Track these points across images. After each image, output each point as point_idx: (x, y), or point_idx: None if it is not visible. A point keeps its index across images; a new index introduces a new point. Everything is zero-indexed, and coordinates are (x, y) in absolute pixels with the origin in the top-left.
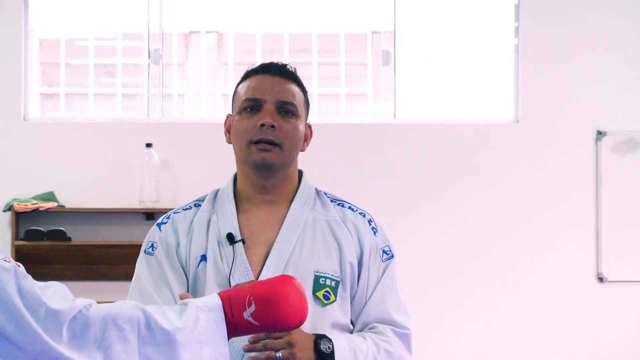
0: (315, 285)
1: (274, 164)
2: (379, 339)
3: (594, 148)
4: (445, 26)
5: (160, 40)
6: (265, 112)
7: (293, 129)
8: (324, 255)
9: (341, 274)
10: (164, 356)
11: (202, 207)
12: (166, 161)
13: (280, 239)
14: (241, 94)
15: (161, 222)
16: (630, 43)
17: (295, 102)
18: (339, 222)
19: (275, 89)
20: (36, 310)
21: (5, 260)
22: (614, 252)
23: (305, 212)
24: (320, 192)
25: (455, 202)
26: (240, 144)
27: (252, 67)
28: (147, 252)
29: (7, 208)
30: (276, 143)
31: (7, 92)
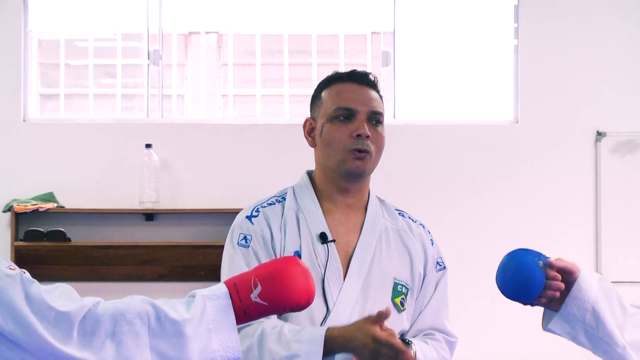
0: (394, 291)
1: (366, 171)
2: (438, 346)
3: (594, 149)
4: (444, 27)
5: (160, 41)
6: (359, 122)
7: (382, 138)
8: (399, 263)
9: (412, 283)
10: (174, 348)
11: (286, 203)
12: (166, 162)
13: (360, 243)
14: (330, 102)
15: (252, 215)
16: (630, 44)
17: (382, 111)
18: (407, 232)
19: (367, 99)
20: (45, 315)
21: (10, 268)
22: (614, 252)
23: (380, 219)
24: (384, 201)
25: (454, 203)
26: (335, 151)
27: (335, 74)
28: (241, 244)
29: (6, 209)
30: (370, 151)
31: (6, 92)
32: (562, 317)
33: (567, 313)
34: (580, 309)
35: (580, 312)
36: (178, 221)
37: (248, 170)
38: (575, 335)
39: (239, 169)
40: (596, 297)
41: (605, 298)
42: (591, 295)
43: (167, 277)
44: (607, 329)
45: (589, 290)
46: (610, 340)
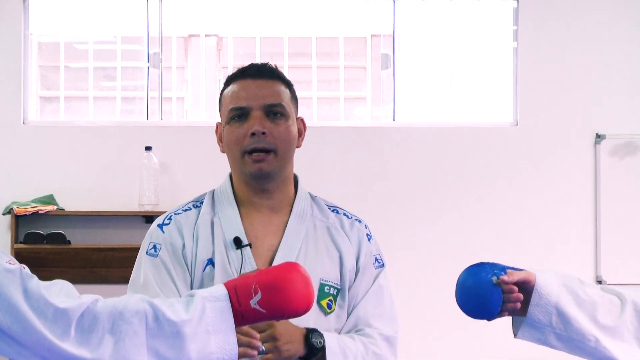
0: (320, 293)
1: (271, 171)
2: (367, 341)
3: (593, 151)
4: (444, 29)
5: (160, 43)
6: (254, 119)
7: (285, 130)
8: (327, 262)
9: (342, 283)
10: (172, 348)
11: (202, 209)
12: (165, 164)
13: (284, 245)
14: (227, 102)
15: (162, 223)
16: (629, 46)
17: (283, 102)
18: (338, 229)
19: (260, 93)
20: (43, 311)
21: (9, 262)
22: (613, 255)
23: (306, 218)
24: (316, 197)
25: (454, 206)
26: (234, 155)
27: (232, 73)
28: (150, 253)
29: (6, 211)
30: (270, 149)
31: (6, 95)
32: (529, 325)
33: (532, 321)
34: (545, 314)
35: (545, 317)
36: None
37: None
38: (546, 340)
39: None
40: (558, 298)
41: (569, 295)
42: (552, 299)
43: None
44: (576, 327)
45: (549, 295)
46: (582, 337)
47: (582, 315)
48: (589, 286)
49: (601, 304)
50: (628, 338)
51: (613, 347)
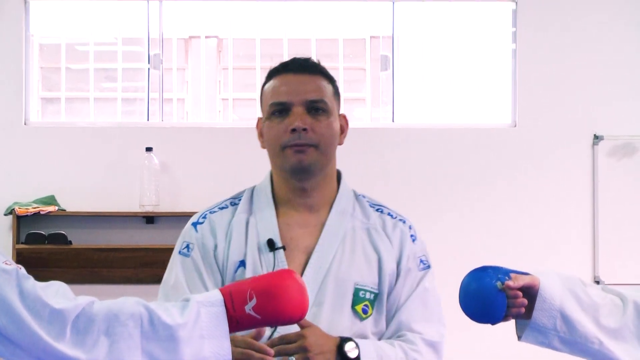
0: (355, 298)
1: (311, 165)
2: (407, 347)
3: (591, 152)
4: (443, 31)
5: (160, 45)
6: (295, 115)
7: (327, 127)
8: (364, 266)
9: (380, 287)
10: (166, 352)
11: (239, 207)
12: (166, 165)
13: (319, 247)
14: (267, 97)
15: (197, 222)
16: (628, 48)
17: (325, 97)
18: (379, 231)
19: (302, 88)
20: (39, 312)
21: (6, 263)
22: (611, 255)
23: (345, 219)
24: (359, 196)
25: (454, 206)
26: (274, 150)
27: (274, 67)
28: (183, 252)
29: (8, 212)
30: (311, 144)
31: (8, 96)
32: (533, 329)
33: (536, 325)
34: (549, 318)
35: (549, 321)
36: (178, 224)
37: (248, 174)
38: (550, 343)
39: (239, 172)
40: (562, 302)
41: (572, 299)
42: (556, 303)
43: None
44: (580, 331)
45: (552, 299)
46: (586, 340)
47: (585, 318)
48: (590, 287)
49: (603, 305)
50: (630, 339)
51: (616, 349)
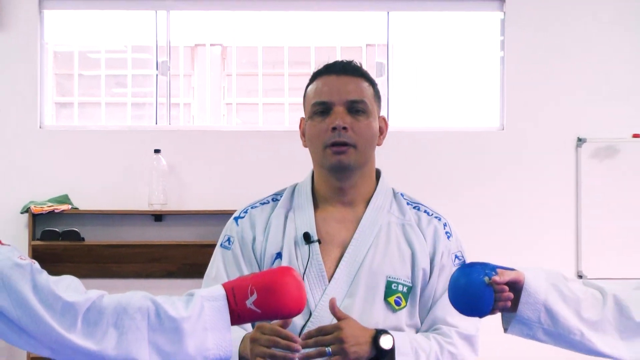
0: (387, 290)
1: (351, 164)
2: (443, 340)
3: (575, 154)
4: (435, 39)
5: (168, 52)
6: (336, 114)
7: (366, 127)
8: (397, 260)
9: (413, 280)
10: (171, 343)
11: (280, 202)
12: (173, 166)
13: (354, 242)
14: (310, 98)
15: (238, 217)
16: (610, 54)
17: (365, 98)
18: (414, 227)
19: (343, 89)
20: (52, 304)
21: (21, 258)
22: (593, 251)
23: (381, 215)
24: (397, 194)
25: (445, 205)
26: (315, 148)
27: (317, 69)
28: (224, 245)
29: (24, 210)
30: (350, 144)
31: (24, 101)
32: (518, 322)
33: (522, 318)
34: (533, 311)
35: (534, 314)
36: (185, 222)
37: (250, 174)
38: (534, 335)
39: (242, 173)
40: (546, 296)
41: (555, 293)
42: (540, 297)
43: (175, 275)
44: (563, 323)
45: (537, 293)
46: (568, 332)
47: (568, 311)
48: (572, 282)
49: (585, 299)
50: (610, 331)
51: (596, 340)
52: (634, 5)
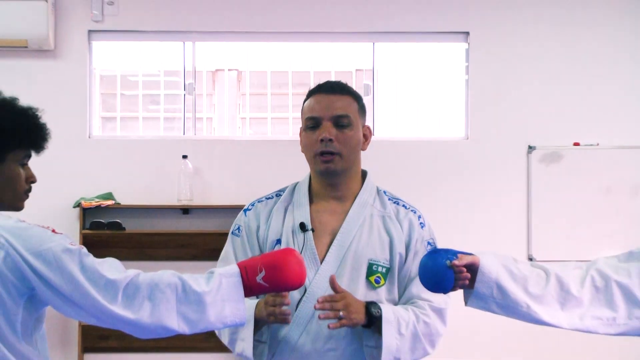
0: (369, 271)
1: (337, 170)
2: (418, 312)
3: (526, 159)
4: (412, 65)
5: (193, 76)
6: (324, 128)
7: (349, 138)
8: (377, 246)
9: (391, 263)
10: (195, 312)
11: (282, 197)
12: (198, 169)
13: (342, 230)
14: (305, 112)
15: (247, 209)
16: (554, 76)
17: (350, 113)
18: (393, 218)
19: (331, 106)
20: (97, 281)
21: (71, 244)
22: (540, 238)
23: (365, 208)
24: (381, 191)
25: (419, 200)
26: (308, 155)
27: (312, 88)
28: (234, 233)
29: (76, 205)
30: (336, 152)
31: (76, 116)
32: (476, 297)
33: (478, 293)
34: (487, 288)
35: (488, 290)
36: (207, 214)
37: (260, 175)
38: (489, 307)
39: (254, 174)
40: (497, 275)
41: (505, 272)
42: (492, 276)
43: (199, 258)
44: (512, 297)
45: (490, 273)
46: (516, 304)
47: (516, 287)
48: (521, 263)
49: (531, 277)
50: (552, 303)
51: (540, 311)
52: (573, 35)
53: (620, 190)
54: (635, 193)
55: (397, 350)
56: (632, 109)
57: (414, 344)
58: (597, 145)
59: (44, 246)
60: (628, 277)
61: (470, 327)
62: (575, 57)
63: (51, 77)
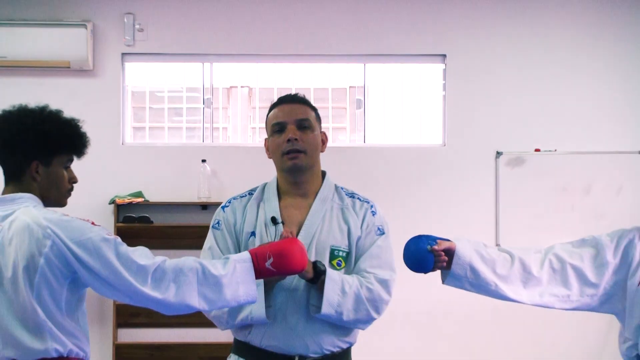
0: (331, 255)
1: (302, 165)
2: (363, 280)
3: (494, 163)
4: (397, 82)
5: (211, 92)
6: (289, 130)
7: (312, 138)
8: (337, 234)
9: (349, 248)
10: (214, 293)
11: (254, 195)
12: (215, 171)
13: (307, 222)
14: (270, 120)
15: (225, 205)
16: (519, 92)
17: (309, 117)
18: (350, 210)
19: (293, 112)
20: (130, 267)
21: (108, 234)
22: (507, 230)
23: (326, 203)
24: (338, 187)
25: (403, 198)
26: (276, 156)
27: (274, 101)
28: (215, 226)
29: (111, 202)
30: (301, 150)
31: (111, 126)
32: (451, 276)
33: (454, 274)
34: (462, 269)
35: (462, 271)
36: None
37: (267, 177)
38: (462, 285)
39: (262, 176)
40: (470, 259)
41: (477, 256)
42: (466, 259)
43: None
44: (482, 277)
45: (464, 257)
46: (486, 283)
47: (486, 269)
48: (490, 248)
49: (498, 260)
50: (516, 282)
51: (506, 289)
52: (534, 58)
53: (574, 189)
54: (586, 192)
55: (338, 305)
56: (584, 120)
57: (357, 305)
58: (554, 151)
59: (85, 236)
60: (580, 261)
61: (446, 303)
62: (536, 75)
63: (90, 93)
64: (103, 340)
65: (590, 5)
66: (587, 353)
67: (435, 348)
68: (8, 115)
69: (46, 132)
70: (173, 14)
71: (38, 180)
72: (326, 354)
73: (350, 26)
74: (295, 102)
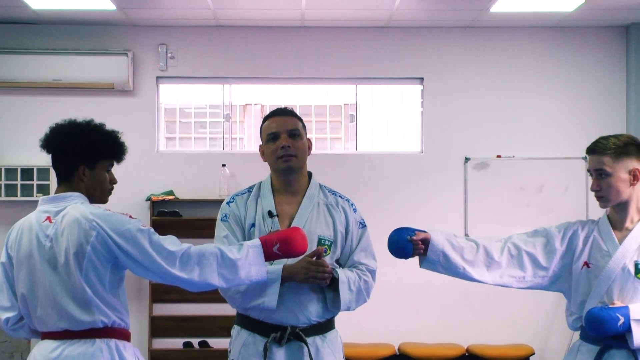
0: (318, 243)
1: (294, 167)
2: (360, 273)
3: (463, 168)
4: (383, 100)
5: (230, 108)
6: (282, 139)
7: (301, 145)
8: (324, 225)
9: (334, 238)
10: (231, 273)
11: (252, 192)
12: (233, 174)
13: (298, 215)
14: (265, 131)
15: (229, 201)
16: (484, 108)
17: (298, 128)
18: (334, 205)
19: (284, 123)
20: (161, 252)
21: (143, 225)
22: (474, 223)
23: (313, 199)
24: (322, 186)
25: (385, 200)
26: (272, 159)
27: (267, 114)
28: (222, 219)
29: (147, 199)
30: (293, 154)
31: (148, 136)
32: (427, 261)
33: (429, 259)
34: (435, 255)
35: (436, 257)
36: None
37: None
38: (436, 269)
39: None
40: (443, 246)
41: (449, 244)
42: (439, 247)
43: None
44: (452, 262)
45: (437, 245)
46: (456, 267)
47: (455, 255)
48: (460, 238)
49: (466, 248)
50: (480, 266)
51: (472, 272)
52: (497, 79)
53: (529, 189)
54: (539, 191)
55: (349, 301)
56: (538, 130)
57: (358, 296)
58: (513, 157)
59: (124, 227)
60: (534, 248)
61: (425, 282)
62: (498, 95)
63: (130, 109)
64: (141, 313)
65: (543, 39)
66: (540, 325)
67: (412, 320)
68: (60, 127)
69: (91, 141)
70: (199, 45)
71: (84, 181)
72: (313, 323)
73: (344, 55)
74: (286, 114)
